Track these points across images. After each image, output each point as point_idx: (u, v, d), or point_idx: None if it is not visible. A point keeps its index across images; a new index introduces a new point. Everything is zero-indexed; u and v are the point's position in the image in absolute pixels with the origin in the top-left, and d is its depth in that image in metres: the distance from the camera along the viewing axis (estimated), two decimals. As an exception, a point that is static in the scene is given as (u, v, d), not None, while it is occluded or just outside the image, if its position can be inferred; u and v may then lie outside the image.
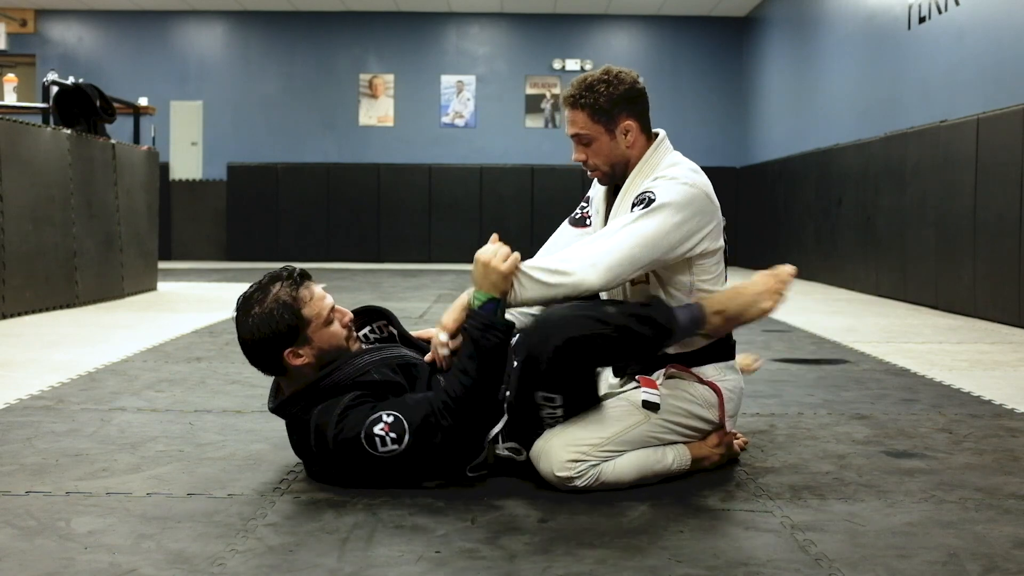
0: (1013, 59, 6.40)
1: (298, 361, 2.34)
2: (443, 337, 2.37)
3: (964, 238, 6.79)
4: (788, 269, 2.48)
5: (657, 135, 2.59)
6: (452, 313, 2.39)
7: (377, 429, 2.24)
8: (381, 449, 2.24)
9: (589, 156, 2.51)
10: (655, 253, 2.33)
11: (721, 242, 2.50)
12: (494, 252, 2.28)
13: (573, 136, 2.51)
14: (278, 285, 2.34)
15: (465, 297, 2.37)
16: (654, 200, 2.35)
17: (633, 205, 2.39)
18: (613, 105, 2.47)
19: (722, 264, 2.53)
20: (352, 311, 2.51)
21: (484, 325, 2.26)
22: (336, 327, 2.38)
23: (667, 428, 2.44)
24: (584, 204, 2.75)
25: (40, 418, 3.20)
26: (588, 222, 2.70)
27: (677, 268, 2.45)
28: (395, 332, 2.59)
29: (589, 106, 2.46)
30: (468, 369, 2.26)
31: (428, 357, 2.46)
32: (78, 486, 2.40)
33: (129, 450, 2.78)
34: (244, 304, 2.36)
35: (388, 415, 2.25)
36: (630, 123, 2.50)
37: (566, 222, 2.76)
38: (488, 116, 13.98)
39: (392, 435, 2.24)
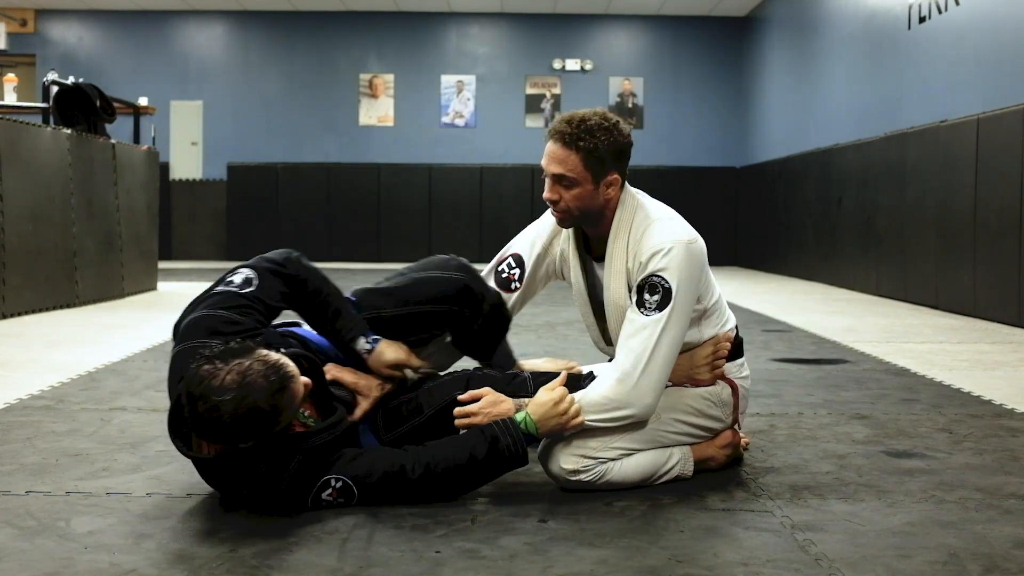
0: (1013, 59, 6.40)
1: (248, 444, 2.10)
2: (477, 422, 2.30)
3: (964, 238, 6.79)
4: (724, 336, 2.53)
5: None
6: (494, 408, 2.30)
7: (325, 495, 2.18)
8: (326, 508, 2.19)
9: (564, 199, 2.38)
10: (684, 335, 2.38)
11: (707, 266, 2.50)
12: (569, 404, 2.27)
13: (555, 175, 2.36)
14: (261, 383, 2.03)
15: (513, 408, 2.31)
16: (668, 288, 2.31)
17: (640, 288, 2.34)
18: (610, 156, 2.36)
19: (710, 273, 2.53)
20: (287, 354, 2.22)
21: (514, 453, 2.23)
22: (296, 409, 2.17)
23: (677, 427, 2.45)
24: (513, 265, 2.64)
25: (40, 418, 3.20)
26: (514, 287, 2.62)
27: None
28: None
29: (587, 150, 2.33)
30: (470, 457, 2.21)
31: (356, 416, 2.35)
32: (78, 486, 2.40)
33: (129, 450, 2.78)
34: (214, 379, 2.02)
35: (337, 480, 2.18)
36: (616, 177, 2.40)
37: (492, 278, 2.65)
38: (488, 116, 13.99)
39: (340, 500, 2.19)
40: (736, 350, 2.59)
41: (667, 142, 13.95)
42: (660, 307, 2.32)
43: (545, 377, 2.48)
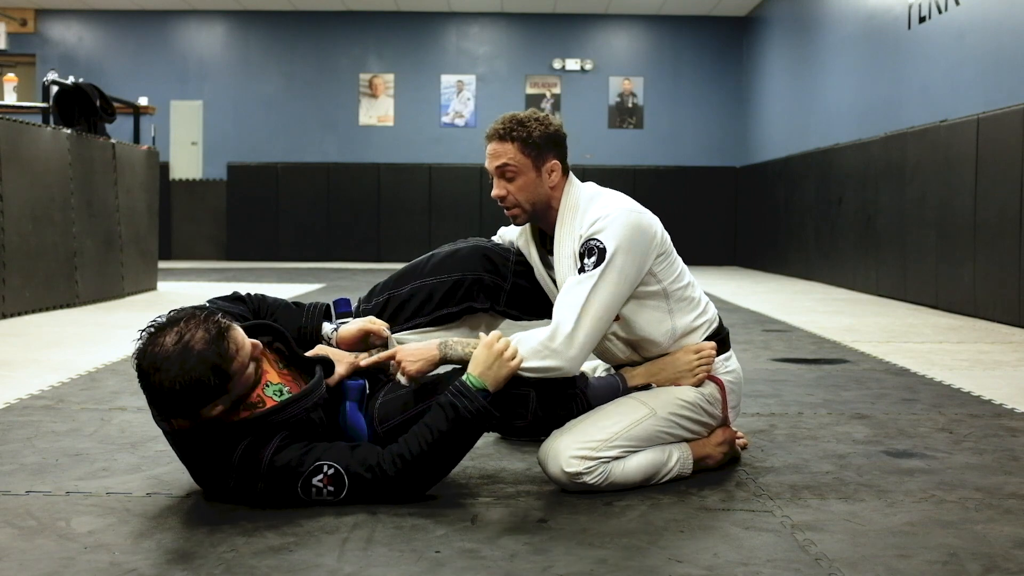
0: (1013, 59, 6.40)
1: (214, 412, 2.12)
2: (403, 381, 2.36)
3: (964, 238, 6.79)
4: (709, 345, 2.54)
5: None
6: (420, 363, 2.36)
7: (316, 480, 2.16)
8: (315, 497, 2.18)
9: (511, 192, 2.49)
10: (620, 303, 2.40)
11: (668, 242, 2.52)
12: (504, 345, 2.27)
13: (498, 168, 2.48)
14: (200, 335, 2.08)
15: (436, 352, 2.37)
16: (603, 248, 2.35)
17: (581, 255, 2.39)
18: (544, 142, 2.47)
19: (675, 256, 2.53)
20: (250, 326, 2.31)
21: (477, 411, 2.22)
22: (250, 369, 2.18)
23: (674, 423, 2.46)
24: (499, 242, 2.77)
25: (40, 418, 3.20)
26: None
27: (643, 284, 2.46)
28: (283, 349, 2.40)
29: (521, 139, 2.45)
30: (437, 432, 2.20)
31: (332, 380, 2.37)
32: (78, 486, 2.40)
33: (129, 450, 2.78)
34: (155, 347, 2.08)
35: (329, 467, 2.17)
36: (556, 163, 2.49)
37: None
38: (488, 116, 13.98)
39: (330, 488, 2.18)
40: (722, 344, 2.60)
41: (667, 142, 13.95)
42: (596, 266, 2.35)
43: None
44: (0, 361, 4.46)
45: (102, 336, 5.38)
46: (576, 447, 2.32)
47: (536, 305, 2.66)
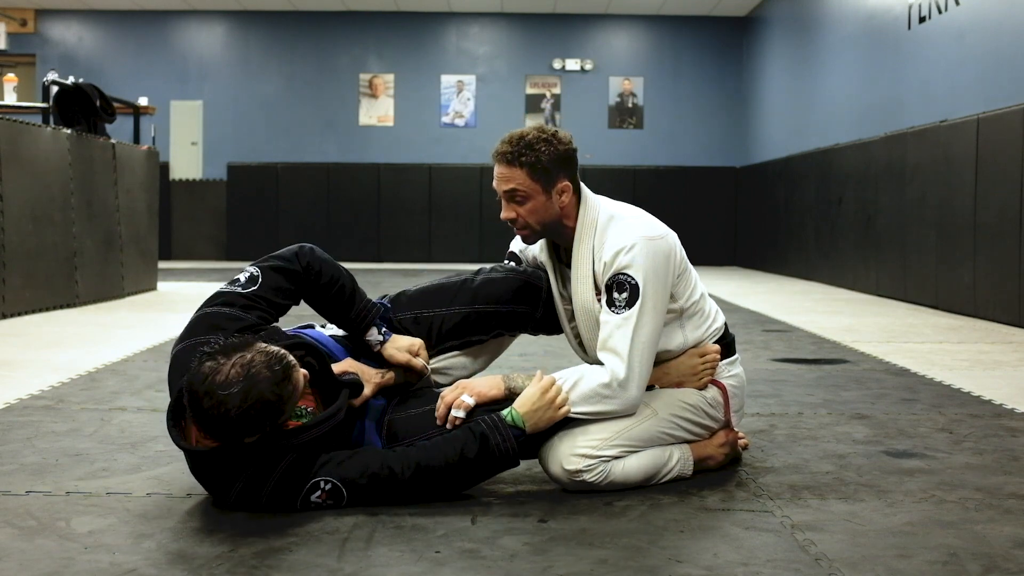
0: (1013, 59, 6.40)
1: (250, 439, 2.11)
2: (470, 402, 2.31)
3: (964, 238, 6.79)
4: (714, 348, 2.54)
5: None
6: (491, 389, 2.35)
7: (314, 497, 2.16)
8: (315, 510, 2.18)
9: (521, 215, 2.45)
10: (660, 331, 2.40)
11: (684, 257, 2.51)
12: (556, 392, 2.29)
13: (507, 192, 2.43)
14: (266, 375, 2.04)
15: (502, 384, 2.36)
16: (635, 284, 2.34)
17: (609, 287, 2.38)
18: (554, 165, 2.42)
19: (690, 270, 2.53)
20: (286, 344, 2.24)
21: (505, 452, 2.23)
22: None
23: (675, 424, 2.46)
24: (509, 261, 2.77)
25: (40, 418, 3.20)
26: None
27: None
28: (314, 363, 2.31)
29: (530, 164, 2.39)
30: (460, 456, 2.20)
31: (358, 401, 2.34)
32: (78, 486, 2.40)
33: (129, 450, 2.78)
34: (218, 375, 2.03)
35: (326, 483, 2.16)
36: (566, 184, 2.45)
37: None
38: (488, 116, 13.99)
39: (329, 501, 2.17)
40: (727, 349, 2.60)
41: (667, 142, 13.95)
42: (630, 304, 2.35)
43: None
44: (0, 361, 4.46)
45: (102, 336, 5.38)
46: (576, 445, 2.32)
47: (559, 327, 2.67)
